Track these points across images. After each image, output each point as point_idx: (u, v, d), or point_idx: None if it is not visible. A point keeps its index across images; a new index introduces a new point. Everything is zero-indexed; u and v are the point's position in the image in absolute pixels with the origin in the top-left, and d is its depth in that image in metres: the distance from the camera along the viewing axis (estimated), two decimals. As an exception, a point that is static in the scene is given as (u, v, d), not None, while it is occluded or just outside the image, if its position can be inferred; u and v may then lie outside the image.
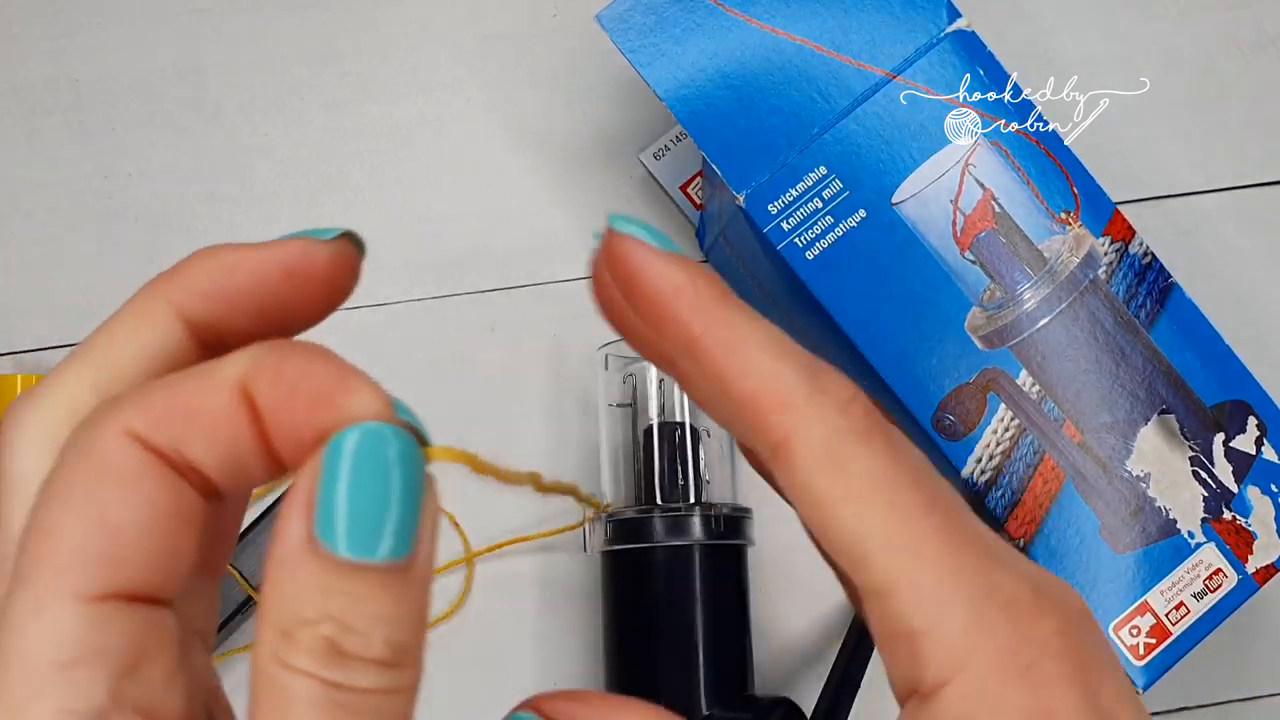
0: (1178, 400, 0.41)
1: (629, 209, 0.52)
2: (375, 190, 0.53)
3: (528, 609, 0.50)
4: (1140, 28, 0.54)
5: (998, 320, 0.41)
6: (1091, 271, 0.41)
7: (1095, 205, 0.42)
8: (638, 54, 0.41)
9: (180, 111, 0.53)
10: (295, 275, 0.20)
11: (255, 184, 0.53)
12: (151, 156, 0.53)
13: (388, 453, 0.17)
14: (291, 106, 0.53)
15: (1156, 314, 0.42)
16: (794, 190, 0.41)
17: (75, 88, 0.53)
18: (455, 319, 0.52)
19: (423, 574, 0.17)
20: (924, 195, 0.41)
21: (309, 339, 0.19)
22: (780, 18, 0.41)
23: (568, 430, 0.51)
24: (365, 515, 0.16)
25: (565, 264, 0.52)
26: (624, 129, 0.53)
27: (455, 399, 0.51)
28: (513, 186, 0.53)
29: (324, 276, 0.20)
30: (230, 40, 0.54)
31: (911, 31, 0.41)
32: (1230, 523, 0.41)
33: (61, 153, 0.53)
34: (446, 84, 0.53)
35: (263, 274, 0.20)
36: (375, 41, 0.54)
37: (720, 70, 0.41)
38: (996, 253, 0.41)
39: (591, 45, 0.53)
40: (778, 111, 0.41)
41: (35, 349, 0.51)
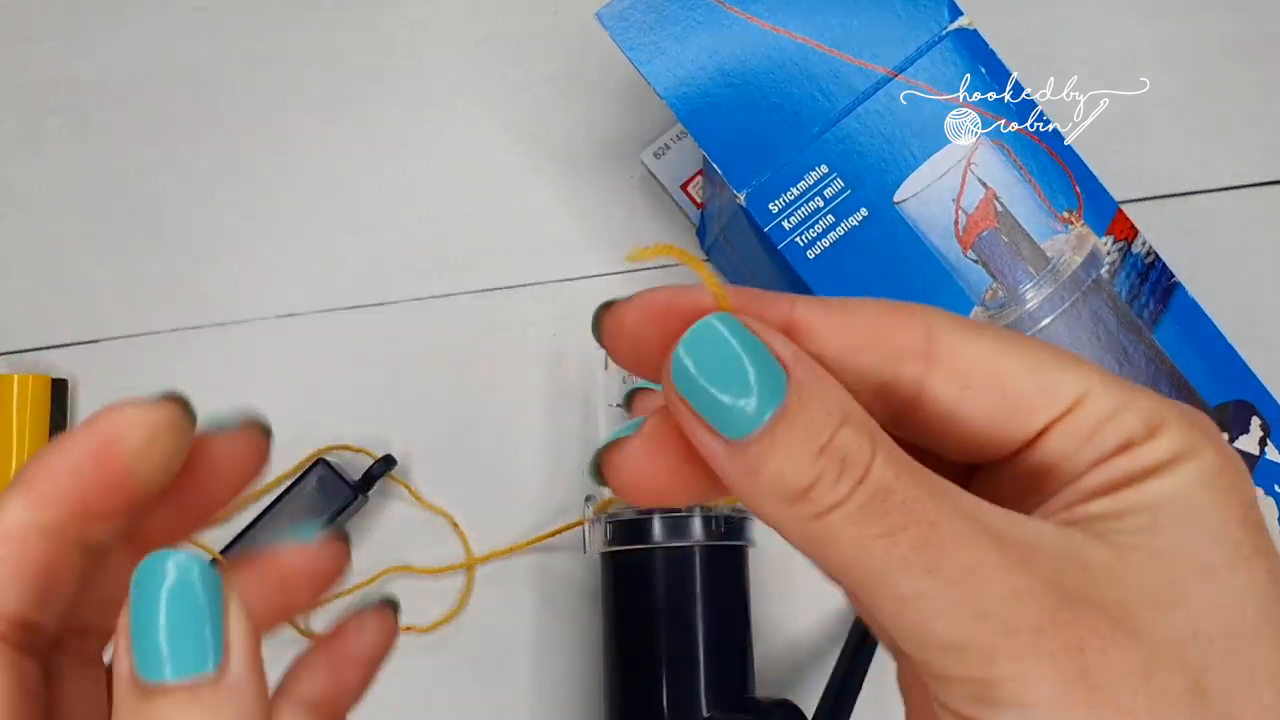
0: (1181, 400, 0.41)
1: (629, 208, 0.52)
2: (375, 190, 0.53)
3: (528, 609, 0.49)
4: (1140, 28, 0.54)
5: (1000, 320, 0.41)
6: (1094, 271, 0.41)
7: (1098, 204, 0.42)
8: (638, 52, 0.41)
9: (180, 112, 0.53)
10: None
11: (255, 184, 0.52)
12: (151, 157, 0.53)
13: (162, 584, 0.17)
14: (291, 106, 0.53)
15: (1159, 314, 0.42)
16: (795, 189, 0.41)
17: (75, 88, 0.53)
18: (455, 319, 0.51)
19: (238, 683, 0.17)
20: (926, 194, 0.41)
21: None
22: (781, 15, 0.41)
23: (568, 430, 0.50)
24: (148, 640, 0.17)
25: (565, 264, 0.52)
26: (624, 128, 0.53)
27: (454, 399, 0.51)
28: (513, 186, 0.53)
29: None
30: (230, 40, 0.54)
31: (913, 29, 0.41)
32: (1234, 523, 0.41)
33: (62, 153, 0.53)
34: (446, 83, 0.53)
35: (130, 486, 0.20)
36: (375, 41, 0.54)
37: (721, 68, 0.41)
38: (999, 252, 0.41)
39: (592, 44, 0.53)
40: (779, 110, 0.41)
41: (34, 349, 0.51)
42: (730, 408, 0.17)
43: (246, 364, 0.51)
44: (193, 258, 0.52)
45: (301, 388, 0.51)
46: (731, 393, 0.17)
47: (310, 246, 0.52)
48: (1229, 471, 0.18)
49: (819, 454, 0.17)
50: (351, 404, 0.51)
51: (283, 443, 0.50)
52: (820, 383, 0.18)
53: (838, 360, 0.19)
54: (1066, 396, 0.19)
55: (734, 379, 0.17)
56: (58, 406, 0.50)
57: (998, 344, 0.19)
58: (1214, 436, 0.19)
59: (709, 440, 0.18)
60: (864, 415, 0.18)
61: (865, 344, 0.19)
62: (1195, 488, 0.18)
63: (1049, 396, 0.19)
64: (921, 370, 0.19)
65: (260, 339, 0.51)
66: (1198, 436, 0.18)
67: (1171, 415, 0.19)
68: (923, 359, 0.19)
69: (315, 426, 0.50)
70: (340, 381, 0.51)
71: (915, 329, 0.19)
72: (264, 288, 0.52)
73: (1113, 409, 0.19)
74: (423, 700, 0.49)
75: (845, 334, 0.19)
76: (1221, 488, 0.18)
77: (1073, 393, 0.19)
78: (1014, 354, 0.19)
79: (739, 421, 0.17)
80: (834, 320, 0.19)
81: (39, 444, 0.49)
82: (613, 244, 0.52)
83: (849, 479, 0.17)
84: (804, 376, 0.18)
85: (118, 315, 0.51)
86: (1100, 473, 0.19)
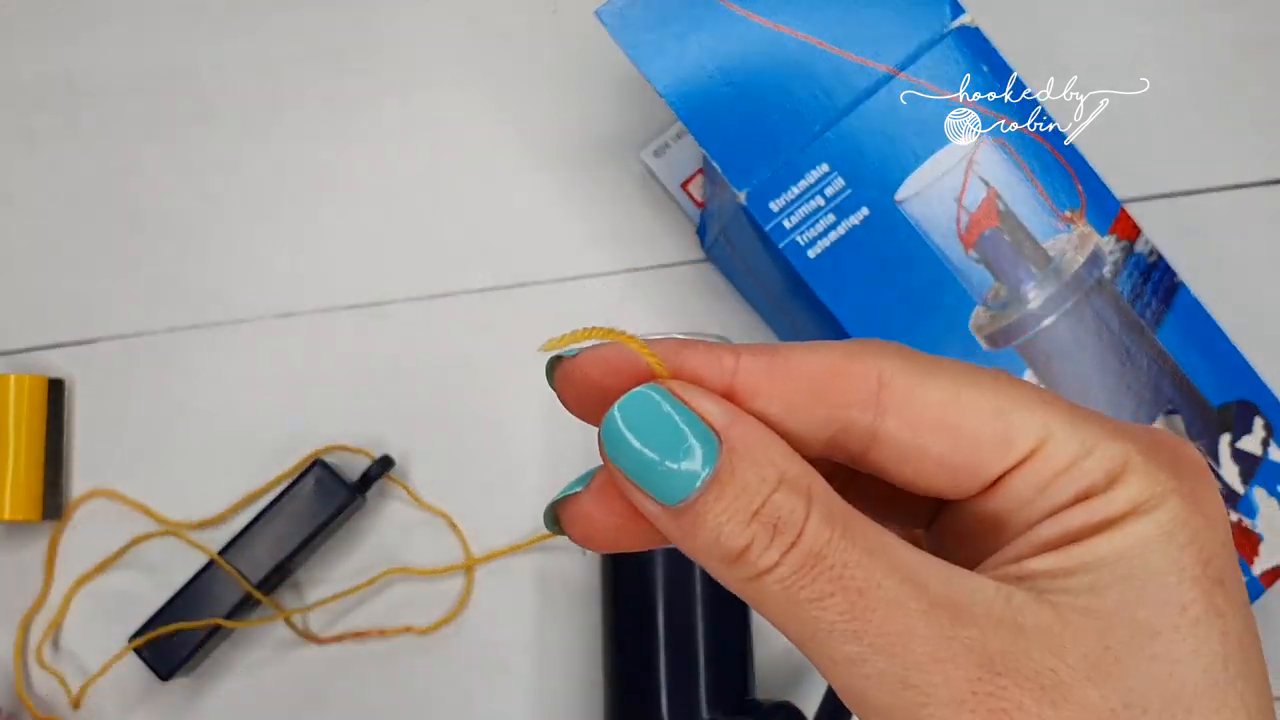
0: (1184, 400, 0.41)
1: (629, 207, 0.52)
2: (373, 189, 0.52)
3: (528, 609, 0.49)
4: (1141, 27, 0.54)
5: (1002, 319, 0.41)
6: (1097, 270, 0.41)
7: (1100, 203, 0.42)
8: (638, 50, 0.41)
9: (179, 111, 0.53)
10: None
11: (251, 183, 0.52)
12: (150, 156, 0.52)
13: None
14: (288, 105, 0.53)
15: (1162, 313, 0.41)
16: (796, 188, 0.40)
17: (73, 88, 0.53)
18: (454, 318, 0.51)
19: (740, 437, 0.18)
20: (927, 193, 0.41)
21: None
22: (782, 13, 0.41)
23: (567, 430, 0.50)
24: (653, 473, 0.18)
25: (565, 263, 0.52)
26: (624, 126, 0.53)
27: (454, 399, 0.51)
28: (512, 184, 0.52)
29: None
30: (230, 40, 0.53)
31: (915, 27, 0.41)
32: (1236, 525, 0.41)
33: (60, 153, 0.52)
34: (446, 82, 0.53)
35: None
36: (375, 41, 0.53)
37: (721, 66, 0.41)
38: (1001, 251, 0.41)
39: (592, 42, 0.53)
40: (779, 108, 0.41)
41: (27, 349, 0.51)
42: (663, 474, 0.18)
43: (244, 364, 0.51)
44: (190, 257, 0.52)
45: (299, 388, 0.51)
46: (663, 459, 0.18)
47: (308, 246, 0.52)
48: (1192, 522, 0.18)
49: (751, 519, 0.17)
50: (349, 404, 0.50)
51: (280, 443, 0.50)
52: (754, 446, 0.18)
53: (782, 416, 0.19)
54: (1025, 443, 0.18)
55: (665, 446, 0.18)
56: (55, 406, 0.49)
57: (954, 387, 0.19)
58: (1187, 478, 0.18)
59: (646, 503, 0.18)
60: (801, 473, 0.18)
61: (811, 398, 0.19)
62: (1149, 543, 0.17)
63: (1006, 443, 0.18)
64: (871, 419, 0.19)
65: (258, 339, 0.51)
66: (1163, 483, 0.18)
67: (1138, 460, 0.18)
68: (872, 407, 0.19)
69: (313, 427, 0.50)
70: (338, 382, 0.51)
71: (865, 377, 0.19)
72: (262, 287, 0.51)
73: (1073, 456, 0.18)
74: (423, 700, 0.48)
75: (790, 389, 0.19)
76: (1179, 542, 0.17)
77: (1032, 438, 0.18)
78: (972, 397, 0.19)
79: (672, 487, 0.18)
80: (777, 376, 0.19)
81: (36, 443, 0.48)
82: (613, 243, 0.52)
83: (779, 544, 0.17)
84: (737, 440, 0.18)
85: (115, 315, 0.51)
86: (1053, 525, 0.18)
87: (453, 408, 0.50)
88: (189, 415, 0.51)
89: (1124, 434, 0.18)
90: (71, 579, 0.49)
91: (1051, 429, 0.18)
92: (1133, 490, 0.18)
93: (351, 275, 0.52)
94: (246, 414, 0.51)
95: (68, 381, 0.51)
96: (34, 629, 0.49)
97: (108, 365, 0.51)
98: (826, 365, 0.19)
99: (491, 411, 0.51)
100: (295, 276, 0.52)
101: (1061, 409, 0.19)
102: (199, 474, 0.50)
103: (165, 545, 0.50)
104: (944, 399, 0.19)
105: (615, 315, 0.51)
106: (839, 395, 0.19)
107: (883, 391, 0.19)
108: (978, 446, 0.18)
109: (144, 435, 0.50)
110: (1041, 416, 0.18)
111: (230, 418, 0.50)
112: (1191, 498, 0.18)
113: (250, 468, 0.50)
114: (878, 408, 0.19)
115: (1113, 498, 0.18)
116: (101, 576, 0.49)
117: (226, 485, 0.50)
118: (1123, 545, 0.17)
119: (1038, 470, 0.18)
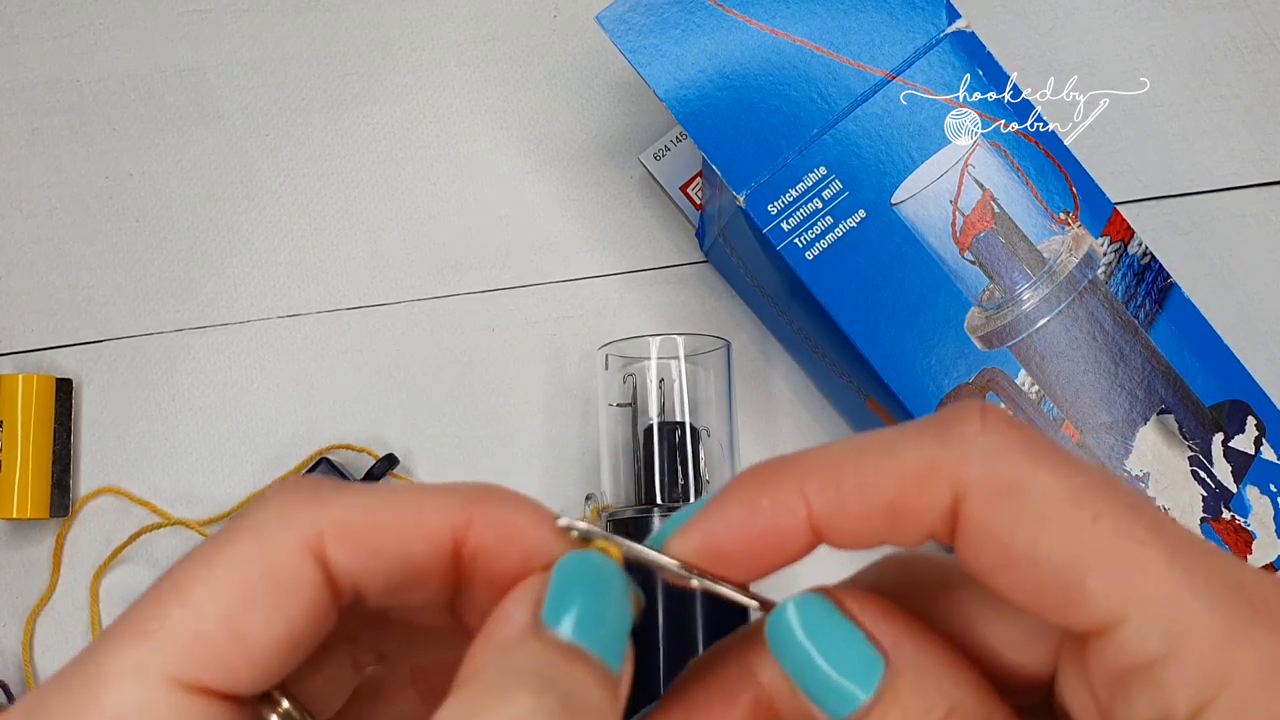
0: (1176, 400, 0.41)
1: (629, 209, 0.53)
2: (375, 190, 0.53)
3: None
4: (1140, 28, 0.54)
5: (997, 320, 0.41)
6: (1090, 272, 0.42)
7: (1094, 205, 0.42)
8: (638, 54, 0.41)
9: (181, 112, 0.53)
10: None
11: (256, 184, 0.53)
12: (152, 157, 0.53)
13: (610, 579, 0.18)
14: (292, 106, 0.53)
15: (1155, 314, 0.42)
16: (794, 190, 0.41)
17: (76, 88, 0.53)
18: (455, 319, 0.52)
19: (622, 701, 0.17)
20: (923, 195, 0.41)
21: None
22: (780, 18, 0.41)
23: (567, 430, 0.51)
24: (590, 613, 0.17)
25: (565, 264, 0.52)
26: (624, 129, 0.53)
27: (455, 399, 0.51)
28: (513, 186, 0.53)
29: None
30: (231, 40, 0.54)
31: (911, 32, 0.42)
32: (1229, 523, 0.41)
33: (62, 153, 0.53)
34: (447, 84, 0.54)
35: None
36: (376, 42, 0.54)
37: (720, 71, 0.41)
38: (996, 253, 0.41)
39: (592, 46, 0.53)
40: (777, 112, 0.41)
41: (35, 349, 0.52)
42: (827, 684, 0.17)
43: (249, 364, 0.51)
44: (196, 258, 0.52)
45: (304, 387, 0.51)
46: (829, 669, 0.17)
47: (312, 247, 0.52)
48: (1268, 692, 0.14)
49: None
50: (353, 404, 0.51)
51: (285, 442, 0.51)
52: (922, 671, 0.16)
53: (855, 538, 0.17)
54: (1092, 615, 0.15)
55: (833, 656, 0.17)
56: (62, 406, 0.50)
57: (1036, 520, 0.15)
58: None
59: (812, 709, 0.17)
60: (976, 705, 0.16)
61: (885, 527, 0.17)
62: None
63: (1077, 605, 0.15)
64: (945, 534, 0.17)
65: (263, 339, 0.52)
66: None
67: (1245, 687, 0.14)
68: (946, 534, 0.17)
69: (317, 426, 0.51)
70: (342, 381, 0.51)
71: (938, 497, 0.16)
72: (266, 288, 0.52)
73: (1151, 657, 0.15)
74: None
75: (862, 529, 0.17)
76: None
77: (1100, 613, 0.15)
78: (1052, 537, 0.15)
79: (837, 701, 0.17)
80: (850, 512, 0.17)
81: (44, 443, 0.49)
82: (612, 245, 0.52)
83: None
84: (904, 664, 0.16)
85: (122, 315, 0.52)
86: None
87: (455, 407, 0.51)
88: (195, 414, 0.51)
89: (1236, 632, 0.14)
90: (78, 575, 0.50)
91: (1130, 610, 0.15)
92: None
93: (355, 276, 0.52)
94: (252, 413, 0.51)
95: (75, 381, 0.51)
96: (41, 624, 0.49)
97: (115, 365, 0.51)
98: (896, 486, 0.17)
99: (493, 411, 0.51)
100: (300, 277, 0.52)
101: (1157, 570, 0.15)
102: (205, 473, 0.51)
103: (173, 542, 0.50)
104: (1023, 533, 0.15)
105: (615, 316, 0.52)
106: (910, 528, 0.17)
107: (958, 517, 0.16)
108: (1051, 598, 0.16)
109: (150, 434, 0.51)
110: (1124, 585, 0.15)
111: (236, 417, 0.51)
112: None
113: (256, 466, 0.50)
114: (951, 535, 0.17)
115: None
116: (109, 573, 0.50)
117: (232, 484, 0.50)
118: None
119: (1113, 655, 0.15)
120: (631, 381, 0.47)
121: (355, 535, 0.17)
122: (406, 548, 0.17)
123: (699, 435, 0.46)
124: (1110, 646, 0.15)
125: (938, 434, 0.16)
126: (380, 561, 0.17)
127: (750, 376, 0.51)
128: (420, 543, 0.17)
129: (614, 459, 0.47)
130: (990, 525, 0.16)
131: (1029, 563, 0.15)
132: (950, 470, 0.16)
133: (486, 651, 0.17)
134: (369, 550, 0.17)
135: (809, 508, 0.17)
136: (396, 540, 0.17)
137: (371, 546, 0.17)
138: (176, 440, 0.51)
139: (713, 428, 0.47)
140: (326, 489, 0.18)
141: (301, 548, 0.17)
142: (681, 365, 0.47)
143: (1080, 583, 0.15)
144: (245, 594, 0.17)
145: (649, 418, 0.46)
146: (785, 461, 0.18)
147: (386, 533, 0.17)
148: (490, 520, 0.18)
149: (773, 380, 0.51)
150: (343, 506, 0.17)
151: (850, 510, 0.17)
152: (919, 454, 0.16)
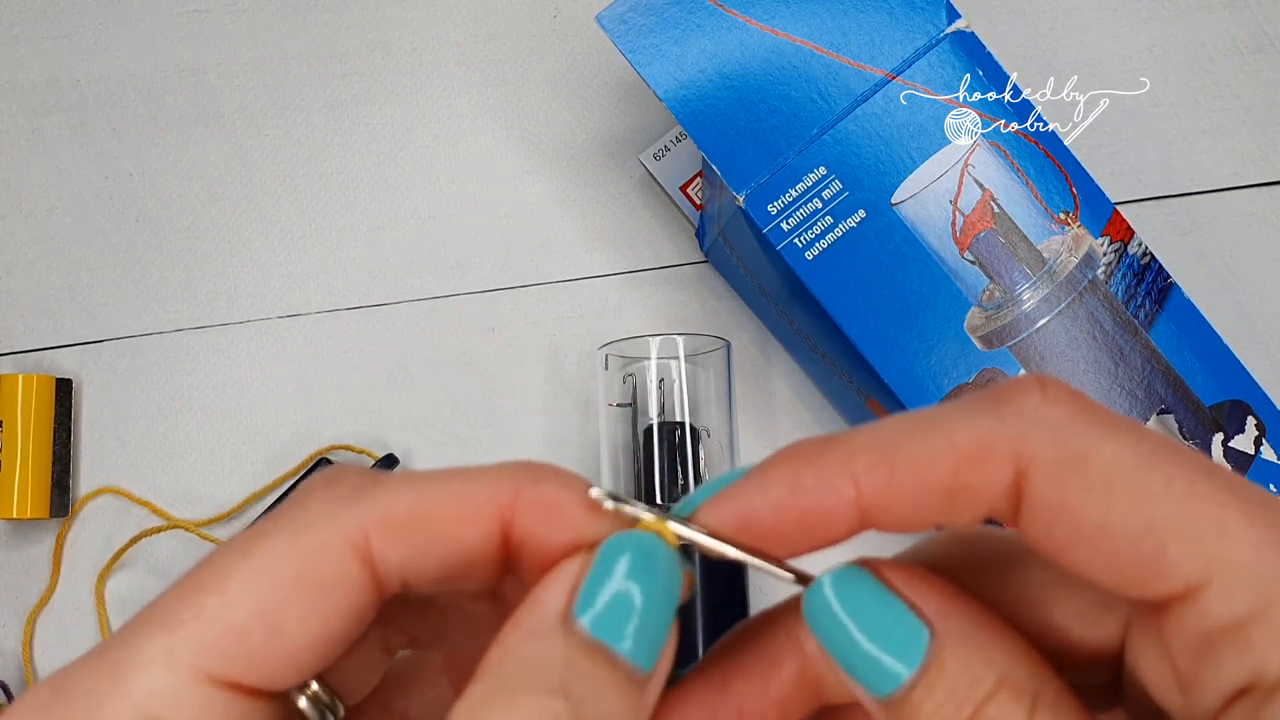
0: (1176, 400, 0.41)
1: (629, 209, 0.53)
2: (375, 190, 0.53)
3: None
4: (1140, 28, 0.54)
5: (997, 320, 0.41)
6: (1090, 272, 0.42)
7: (1094, 205, 0.42)
8: (638, 55, 0.41)
9: (181, 112, 0.53)
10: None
11: (256, 184, 0.53)
12: (152, 157, 0.53)
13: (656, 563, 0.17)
14: (292, 106, 0.53)
15: (1155, 314, 0.42)
16: (794, 190, 0.41)
17: (76, 88, 0.53)
18: (455, 319, 0.52)
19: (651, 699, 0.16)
20: (923, 195, 0.41)
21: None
22: (780, 19, 0.41)
23: (567, 430, 0.51)
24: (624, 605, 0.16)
25: (565, 264, 0.52)
26: (624, 129, 0.53)
27: (455, 399, 0.51)
28: (513, 186, 0.53)
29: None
30: (231, 40, 0.54)
31: (911, 32, 0.42)
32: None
33: (62, 153, 0.53)
34: (447, 84, 0.54)
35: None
36: (376, 42, 0.54)
37: (720, 71, 0.41)
38: (995, 253, 0.41)
39: (592, 46, 0.53)
40: (777, 112, 0.41)
41: (35, 349, 0.52)
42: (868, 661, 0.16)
43: (249, 364, 0.51)
44: (196, 258, 0.52)
45: (304, 388, 0.51)
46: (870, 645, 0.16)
47: (312, 247, 0.52)
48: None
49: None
50: (353, 404, 0.51)
51: (285, 442, 0.51)
52: (968, 641, 0.16)
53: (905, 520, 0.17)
54: (1175, 580, 0.15)
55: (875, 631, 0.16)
56: (62, 406, 0.50)
57: (1108, 490, 0.15)
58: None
59: (854, 687, 0.17)
60: (1027, 676, 0.16)
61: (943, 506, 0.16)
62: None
63: (1158, 573, 0.15)
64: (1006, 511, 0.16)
65: (263, 339, 0.52)
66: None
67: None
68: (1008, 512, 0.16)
69: (317, 426, 0.51)
70: (342, 382, 0.51)
71: (999, 471, 0.16)
72: (266, 288, 0.52)
73: (1241, 615, 0.14)
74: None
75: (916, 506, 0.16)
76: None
77: (1183, 578, 0.15)
78: (1126, 504, 0.15)
79: (879, 678, 0.16)
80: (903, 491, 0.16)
81: (44, 443, 0.49)
82: (612, 245, 0.52)
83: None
84: (949, 635, 0.16)
85: (121, 315, 0.52)
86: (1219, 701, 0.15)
87: (455, 407, 0.51)
88: (195, 414, 0.51)
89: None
90: (78, 575, 0.50)
91: (1214, 571, 0.14)
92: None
93: (355, 276, 0.52)
94: (252, 413, 0.51)
95: (75, 381, 0.51)
96: (40, 624, 0.50)
97: (115, 365, 0.51)
98: (952, 464, 0.16)
99: (493, 411, 0.51)
100: (299, 277, 0.52)
101: (1238, 529, 0.14)
102: (205, 472, 0.51)
103: (172, 544, 0.50)
104: (1096, 504, 0.15)
105: (615, 316, 0.52)
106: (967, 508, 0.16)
107: (1022, 493, 0.16)
108: (1127, 569, 0.15)
109: (150, 434, 0.51)
110: (1206, 547, 0.15)
111: (235, 417, 0.51)
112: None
113: (256, 466, 0.50)
114: (1014, 512, 0.16)
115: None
116: (110, 574, 0.50)
117: (232, 484, 0.50)
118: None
119: (1197, 620, 0.15)
120: (631, 381, 0.47)
121: (402, 530, 0.17)
122: (455, 538, 0.17)
123: (699, 435, 0.46)
124: (1193, 611, 0.15)
125: (994, 409, 0.16)
126: (429, 554, 0.17)
127: (750, 376, 0.51)
128: (469, 530, 0.17)
129: (614, 459, 0.47)
130: (1061, 499, 0.15)
131: (1104, 535, 0.15)
132: (1011, 445, 0.16)
133: (510, 641, 0.16)
134: (417, 545, 0.17)
135: (858, 488, 0.16)
136: (444, 531, 0.17)
137: (419, 540, 0.17)
138: (176, 440, 0.51)
139: (713, 428, 0.47)
140: (370, 482, 0.17)
141: (347, 547, 0.17)
142: (681, 365, 0.47)
143: (1160, 550, 0.15)
144: (285, 590, 0.16)
145: (649, 418, 0.46)
146: (831, 439, 0.17)
147: (434, 525, 0.17)
148: (535, 500, 0.17)
149: (773, 380, 0.51)
150: (388, 500, 0.17)
151: (904, 490, 0.16)
152: (976, 430, 0.16)
